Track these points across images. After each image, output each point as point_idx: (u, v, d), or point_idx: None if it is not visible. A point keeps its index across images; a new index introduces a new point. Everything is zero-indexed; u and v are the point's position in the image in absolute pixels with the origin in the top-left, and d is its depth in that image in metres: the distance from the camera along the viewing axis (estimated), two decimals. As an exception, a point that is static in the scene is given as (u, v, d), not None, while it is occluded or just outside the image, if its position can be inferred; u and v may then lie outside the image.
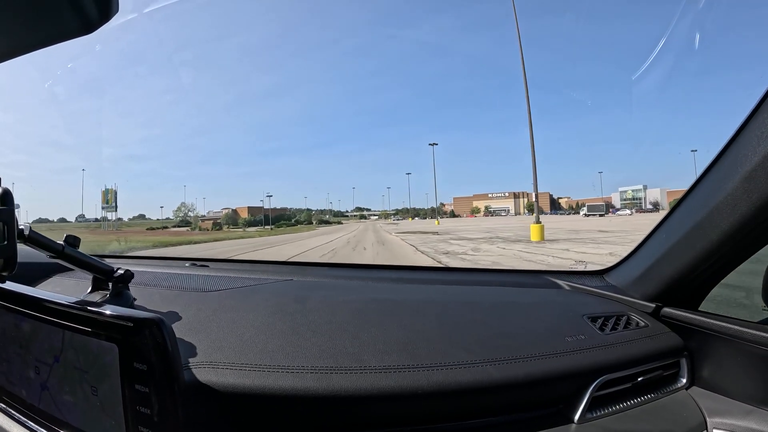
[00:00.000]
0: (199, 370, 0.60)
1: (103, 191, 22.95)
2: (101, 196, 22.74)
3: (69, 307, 0.59)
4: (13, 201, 0.53)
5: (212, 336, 0.68)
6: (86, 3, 0.34)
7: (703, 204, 0.66)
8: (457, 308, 0.82)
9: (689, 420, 0.67)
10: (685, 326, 0.76)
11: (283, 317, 0.74)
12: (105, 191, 22.98)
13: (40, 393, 0.63)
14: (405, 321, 0.74)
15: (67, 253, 0.66)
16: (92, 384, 0.56)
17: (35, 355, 0.63)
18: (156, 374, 0.52)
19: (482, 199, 35.66)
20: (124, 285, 0.73)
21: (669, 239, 0.76)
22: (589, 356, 0.69)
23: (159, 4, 2.04)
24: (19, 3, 0.34)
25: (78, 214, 27.90)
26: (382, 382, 0.59)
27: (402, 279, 1.08)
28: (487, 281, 1.12)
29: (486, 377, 0.62)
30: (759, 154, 0.56)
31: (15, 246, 0.53)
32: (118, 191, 24.48)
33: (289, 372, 0.60)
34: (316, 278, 1.05)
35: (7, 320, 0.67)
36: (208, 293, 0.87)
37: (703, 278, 0.73)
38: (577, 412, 0.66)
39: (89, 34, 0.37)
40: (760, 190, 0.56)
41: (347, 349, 0.65)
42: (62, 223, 25.96)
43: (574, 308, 0.83)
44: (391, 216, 33.84)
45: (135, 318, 0.54)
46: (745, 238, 0.62)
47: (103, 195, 22.79)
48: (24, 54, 0.42)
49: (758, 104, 0.58)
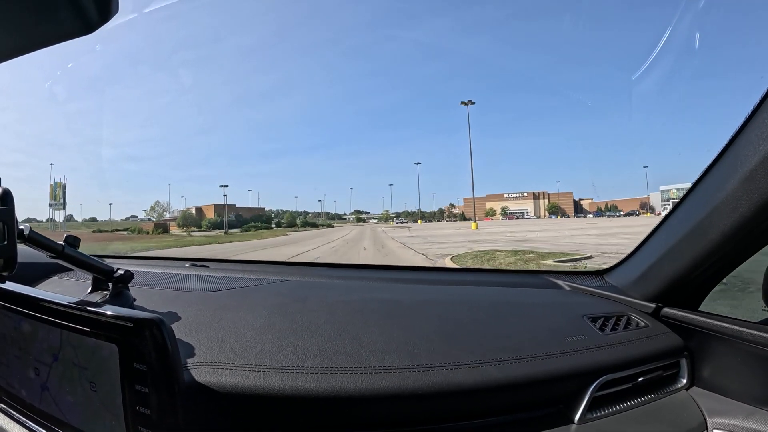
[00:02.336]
0: (199, 371, 0.60)
1: (51, 185, 18.18)
2: (49, 191, 17.88)
3: (69, 307, 0.59)
4: (13, 201, 0.53)
5: (212, 336, 0.68)
6: (86, 3, 0.34)
7: (704, 204, 0.66)
8: (457, 308, 0.82)
9: (689, 420, 0.67)
10: (685, 326, 0.76)
11: (283, 318, 0.74)
12: (53, 185, 18.24)
13: (40, 393, 0.63)
14: (405, 321, 0.74)
15: (67, 253, 0.66)
16: (91, 381, 0.56)
17: (35, 356, 0.63)
18: (156, 374, 0.52)
19: (497, 199, 31.46)
20: (124, 285, 0.73)
21: (669, 239, 0.76)
22: (589, 356, 0.69)
23: (159, 5, 2.04)
24: (19, 4, 0.35)
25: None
26: (382, 382, 0.59)
27: (402, 279, 1.08)
28: (487, 281, 1.12)
29: (486, 378, 0.62)
30: (759, 155, 0.56)
31: (15, 246, 0.53)
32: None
33: (288, 372, 0.60)
34: (316, 278, 1.05)
35: (7, 321, 0.67)
36: (208, 294, 0.86)
37: (703, 278, 0.73)
38: (577, 412, 0.66)
39: (89, 34, 0.37)
40: (760, 191, 0.56)
41: (347, 350, 0.65)
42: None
43: (575, 308, 0.83)
44: (394, 219, 30.22)
45: (135, 318, 0.54)
46: (746, 238, 0.62)
47: (51, 190, 18.01)
48: (24, 54, 0.42)
49: (758, 105, 0.58)
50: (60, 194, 18.53)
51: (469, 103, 18.47)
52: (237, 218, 26.70)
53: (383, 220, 30.70)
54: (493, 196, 32.06)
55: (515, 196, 31.56)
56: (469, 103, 18.47)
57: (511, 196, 31.32)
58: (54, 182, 18.45)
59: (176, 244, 13.19)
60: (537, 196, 30.76)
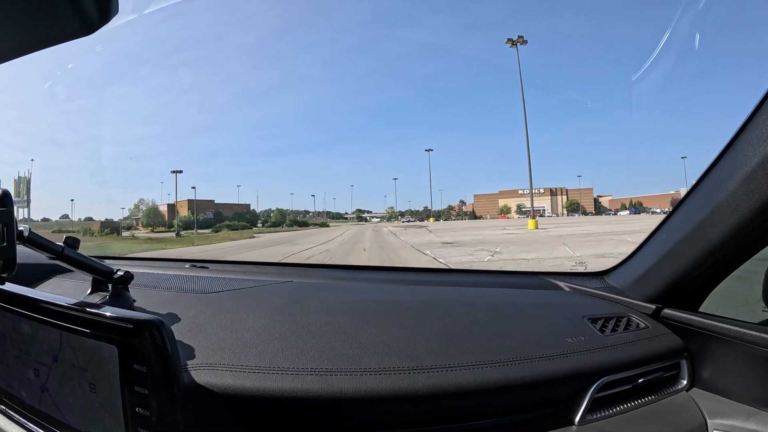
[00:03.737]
0: (199, 372, 0.59)
1: (15, 180, 17.11)
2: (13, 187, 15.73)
3: (69, 308, 0.59)
4: (12, 202, 0.53)
5: (212, 338, 0.68)
6: (86, 4, 0.34)
7: (704, 205, 0.66)
8: (457, 309, 0.82)
9: (690, 421, 0.67)
10: (685, 327, 0.76)
11: (283, 319, 0.74)
12: (17, 180, 17.11)
13: (39, 394, 0.63)
14: (405, 322, 0.74)
15: (66, 254, 0.65)
16: (91, 382, 0.56)
17: (35, 357, 0.63)
18: (155, 376, 0.52)
19: (510, 196, 28.28)
20: (123, 286, 0.73)
21: (669, 240, 0.76)
22: (589, 358, 0.69)
23: (160, 5, 2.04)
24: (19, 4, 0.34)
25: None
26: (381, 383, 0.59)
27: (402, 280, 1.08)
28: (487, 282, 1.12)
29: (486, 379, 0.62)
30: (759, 155, 0.56)
31: (14, 247, 0.53)
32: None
33: (288, 374, 0.60)
34: (316, 280, 1.05)
35: (7, 322, 0.66)
36: (208, 295, 0.86)
37: (703, 279, 0.73)
38: (577, 413, 0.66)
39: (90, 35, 0.37)
40: (760, 191, 0.56)
41: (347, 351, 0.65)
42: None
43: (575, 309, 0.83)
44: (399, 217, 27.31)
45: (135, 319, 0.54)
46: (746, 239, 0.62)
47: (15, 186, 16.65)
48: (24, 55, 0.42)
49: (758, 105, 0.58)
50: (23, 190, 17.49)
51: (518, 42, 15.02)
52: (216, 216, 23.74)
53: (387, 218, 28.04)
54: (506, 192, 28.86)
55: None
56: (518, 42, 15.02)
57: (526, 193, 27.53)
58: (18, 177, 17.47)
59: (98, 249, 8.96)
60: (554, 192, 27.81)
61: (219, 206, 25.54)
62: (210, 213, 24.15)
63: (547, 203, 27.75)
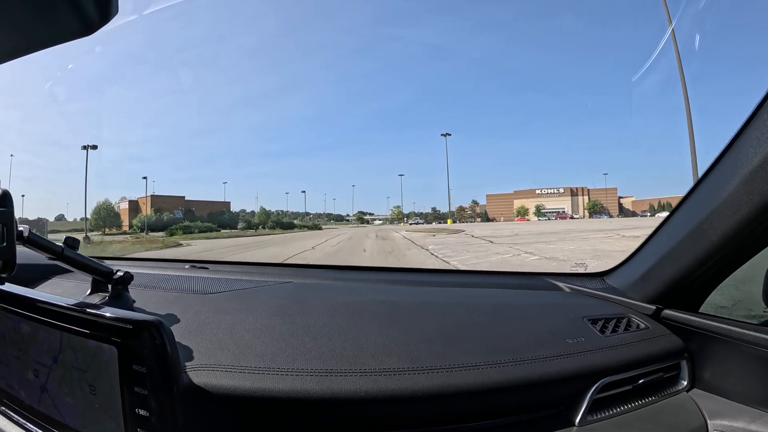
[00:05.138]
0: (198, 373, 0.59)
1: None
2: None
3: (68, 309, 0.59)
4: (12, 203, 0.53)
5: (211, 338, 0.68)
6: (86, 4, 0.34)
7: (704, 206, 0.66)
8: (457, 310, 0.82)
9: (690, 422, 0.67)
10: (685, 328, 0.76)
11: (283, 320, 0.74)
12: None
13: (39, 395, 0.62)
14: (405, 323, 0.74)
15: (66, 255, 0.65)
16: (90, 383, 0.56)
17: (34, 357, 0.63)
18: (155, 377, 0.52)
19: (527, 196, 25.67)
20: (123, 287, 0.73)
21: (670, 241, 0.76)
22: (589, 358, 0.69)
23: (160, 5, 2.05)
24: (19, 4, 0.34)
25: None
26: (381, 384, 0.59)
27: (402, 281, 1.08)
28: (487, 283, 1.12)
29: (486, 379, 0.62)
30: (759, 156, 0.56)
31: (14, 248, 0.53)
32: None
33: (288, 375, 0.60)
34: (316, 280, 1.05)
35: (7, 322, 0.66)
36: (208, 295, 0.86)
37: (703, 280, 0.73)
38: (578, 414, 0.66)
39: (90, 35, 0.37)
40: (760, 192, 0.56)
41: (346, 352, 0.65)
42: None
43: (575, 310, 0.83)
44: (406, 219, 24.82)
45: (134, 320, 0.54)
46: (746, 239, 0.62)
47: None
48: (24, 55, 0.42)
49: (758, 106, 0.58)
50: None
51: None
52: (186, 215, 20.60)
53: (390, 220, 25.59)
54: (522, 192, 26.06)
55: (549, 192, 25.74)
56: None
57: (544, 192, 25.64)
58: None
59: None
60: (575, 192, 25.13)
61: (191, 204, 22.45)
62: (179, 212, 21.19)
63: (567, 204, 25.33)
